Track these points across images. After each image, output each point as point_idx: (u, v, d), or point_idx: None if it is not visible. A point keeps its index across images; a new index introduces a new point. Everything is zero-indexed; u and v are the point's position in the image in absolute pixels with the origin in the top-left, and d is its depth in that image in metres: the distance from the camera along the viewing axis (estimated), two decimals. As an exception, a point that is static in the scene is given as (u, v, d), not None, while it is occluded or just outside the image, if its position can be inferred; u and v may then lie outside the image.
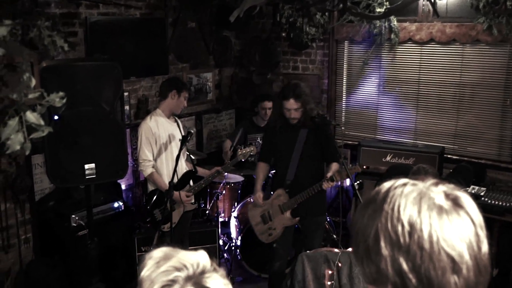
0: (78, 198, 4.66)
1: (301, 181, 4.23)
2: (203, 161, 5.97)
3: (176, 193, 4.31)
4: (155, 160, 4.40)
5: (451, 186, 1.03)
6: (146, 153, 4.31)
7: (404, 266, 0.96)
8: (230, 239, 5.68)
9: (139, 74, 5.61)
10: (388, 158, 5.48)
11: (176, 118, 4.65)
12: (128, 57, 5.34)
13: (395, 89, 5.90)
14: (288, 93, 4.12)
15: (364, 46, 5.96)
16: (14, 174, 4.42)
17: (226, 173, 5.49)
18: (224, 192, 5.64)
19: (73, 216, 4.63)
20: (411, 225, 0.96)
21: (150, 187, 4.45)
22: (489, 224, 4.67)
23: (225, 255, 5.59)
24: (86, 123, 3.45)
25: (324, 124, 4.16)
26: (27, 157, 4.58)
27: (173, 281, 1.16)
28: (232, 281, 5.24)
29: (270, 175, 4.91)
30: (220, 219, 5.70)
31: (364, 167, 5.51)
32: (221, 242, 5.58)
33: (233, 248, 5.47)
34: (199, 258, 1.22)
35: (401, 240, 0.96)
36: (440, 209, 0.97)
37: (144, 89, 5.78)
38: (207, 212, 5.38)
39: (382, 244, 0.99)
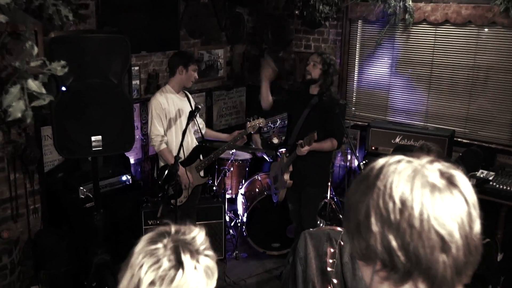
0: (87, 170, 4.70)
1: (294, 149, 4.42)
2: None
3: (182, 170, 4.34)
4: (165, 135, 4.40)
5: (447, 164, 1.02)
6: (158, 128, 4.31)
7: (393, 243, 0.96)
8: (237, 216, 5.72)
9: (150, 49, 5.60)
10: (397, 140, 5.45)
11: (187, 92, 4.62)
12: (139, 31, 5.33)
13: (408, 70, 5.83)
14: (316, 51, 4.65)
15: (378, 26, 5.88)
16: (24, 144, 4.45)
17: (233, 150, 5.51)
18: (232, 169, 5.66)
19: (81, 188, 4.67)
20: (403, 203, 0.95)
21: (161, 163, 4.46)
22: (496, 209, 4.68)
23: (231, 231, 5.63)
24: (93, 95, 3.45)
25: (331, 102, 4.18)
26: (37, 128, 4.62)
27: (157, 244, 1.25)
28: (237, 257, 5.30)
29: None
30: (228, 196, 5.74)
31: (373, 148, 5.53)
32: (227, 219, 5.63)
33: (239, 224, 5.51)
34: (194, 232, 1.31)
35: (392, 217, 0.96)
36: (433, 187, 0.96)
37: (155, 64, 5.77)
38: (214, 188, 5.41)
39: (373, 220, 0.98)
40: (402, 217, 0.95)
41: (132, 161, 5.68)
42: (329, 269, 3.57)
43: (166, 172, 4.19)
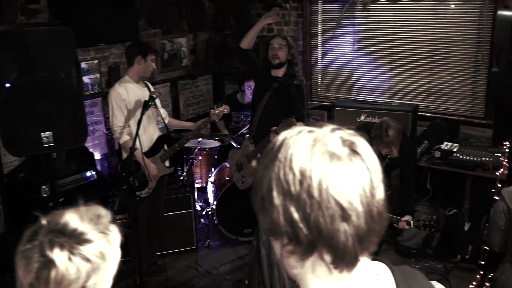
0: (53, 168, 4.64)
1: (263, 134, 4.37)
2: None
3: (147, 161, 4.30)
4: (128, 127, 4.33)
5: (350, 131, 0.99)
6: (119, 120, 4.25)
7: (295, 215, 0.93)
8: (208, 204, 5.69)
9: (108, 41, 5.52)
10: (362, 118, 5.45)
11: (147, 82, 4.54)
12: (96, 23, 5.25)
13: (369, 48, 5.82)
14: (276, 34, 4.64)
15: (338, 5, 5.86)
16: (-20, 146, 4.38)
17: (200, 139, 5.48)
18: (200, 157, 5.63)
19: (43, 187, 4.61)
20: (302, 173, 0.93)
21: (125, 154, 4.38)
22: (462, 180, 4.70)
23: (202, 220, 5.61)
24: (41, 90, 3.38)
25: (287, 84, 4.16)
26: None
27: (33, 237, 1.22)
28: (209, 246, 5.29)
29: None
30: (198, 185, 5.72)
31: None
32: (199, 208, 5.60)
33: (209, 213, 5.49)
34: (65, 217, 1.28)
35: (292, 189, 0.94)
36: (332, 156, 0.94)
37: (115, 56, 5.69)
38: (181, 178, 5.37)
39: (275, 194, 0.96)
40: (302, 188, 0.93)
41: (98, 156, 5.63)
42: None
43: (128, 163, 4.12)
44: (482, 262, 4.51)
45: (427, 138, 5.23)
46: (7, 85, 3.24)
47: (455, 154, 4.94)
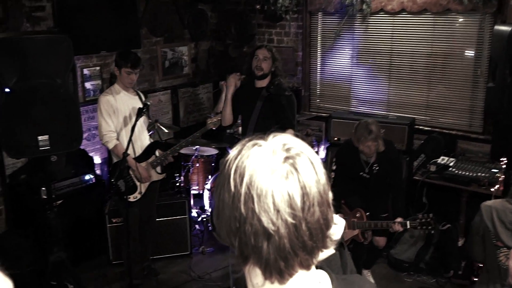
0: (50, 171, 4.71)
1: None
2: (180, 134, 6.02)
3: (133, 163, 4.34)
4: (117, 133, 4.38)
5: (299, 145, 1.02)
6: (107, 125, 4.30)
7: (233, 226, 0.98)
8: (203, 211, 5.74)
9: (110, 49, 5.58)
10: (359, 130, 5.47)
11: (138, 91, 4.60)
12: (99, 31, 5.33)
13: (368, 60, 5.88)
14: (262, 44, 4.56)
15: (337, 17, 5.93)
16: (-18, 148, 4.46)
17: (197, 146, 5.54)
18: (197, 164, 5.69)
19: (43, 188, 4.68)
20: (235, 187, 0.96)
21: (114, 159, 4.45)
22: (457, 194, 4.72)
23: (197, 226, 5.66)
24: (38, 95, 3.46)
25: (278, 94, 4.22)
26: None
27: None
28: (203, 252, 5.33)
29: None
30: (195, 192, 5.77)
31: (335, 138, 5.58)
32: (195, 214, 5.65)
33: (205, 219, 5.54)
34: None
35: (228, 201, 0.98)
36: (267, 172, 0.96)
37: (116, 63, 5.76)
38: (177, 184, 5.43)
39: (221, 202, 1.00)
40: (235, 202, 0.96)
41: (99, 160, 5.70)
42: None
43: (119, 168, 4.18)
44: (475, 279, 4.53)
45: (424, 152, 5.25)
46: (7, 90, 3.32)
47: (450, 169, 4.96)
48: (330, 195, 1.01)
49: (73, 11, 5.12)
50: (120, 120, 4.35)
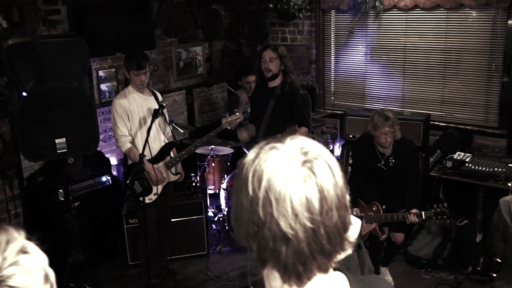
0: (67, 173, 4.77)
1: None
2: (195, 134, 6.05)
3: (149, 165, 4.34)
4: (132, 136, 4.37)
5: (316, 148, 1.01)
6: (120, 129, 4.29)
7: (251, 230, 0.99)
8: (220, 210, 5.76)
9: (125, 50, 5.60)
10: (374, 127, 5.46)
11: (154, 91, 4.59)
12: (114, 33, 5.40)
13: (382, 57, 5.86)
14: (267, 46, 4.54)
15: (350, 14, 5.91)
16: (1, 151, 4.54)
17: (212, 146, 5.56)
18: (213, 164, 5.71)
19: (60, 190, 4.73)
20: (254, 191, 0.97)
21: (129, 161, 4.47)
22: (474, 190, 4.70)
23: (213, 226, 5.69)
24: (55, 98, 3.51)
25: (292, 93, 4.23)
26: (14, 134, 4.68)
27: None
28: (221, 252, 5.35)
29: None
30: (211, 192, 5.79)
31: (350, 136, 5.57)
32: (211, 214, 5.68)
33: (221, 219, 5.57)
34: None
35: (247, 205, 0.99)
36: (286, 176, 0.96)
37: (131, 64, 5.81)
38: (193, 184, 5.45)
39: (240, 205, 1.01)
40: (253, 206, 0.97)
41: (115, 161, 5.75)
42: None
43: (134, 170, 4.19)
44: (494, 274, 4.50)
45: (440, 148, 5.22)
46: (24, 93, 3.37)
47: (467, 164, 4.93)
48: (348, 197, 1.01)
49: (88, 13, 5.18)
50: (135, 122, 4.35)
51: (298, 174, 0.96)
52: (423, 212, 4.13)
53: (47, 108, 3.50)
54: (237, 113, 4.60)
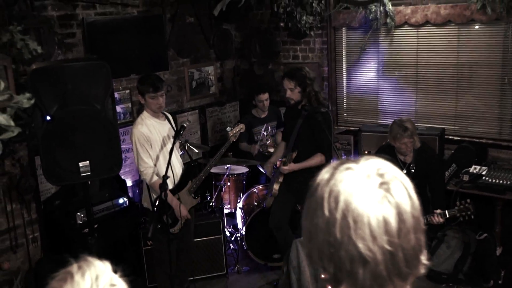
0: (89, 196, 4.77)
1: (295, 161, 4.51)
2: (208, 153, 6.08)
3: (177, 203, 4.27)
4: (154, 164, 4.25)
5: (390, 169, 1.01)
6: (145, 160, 4.16)
7: (325, 251, 0.99)
8: (237, 230, 5.75)
9: (140, 71, 5.67)
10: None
11: (167, 114, 4.53)
12: (128, 55, 5.45)
13: (394, 73, 5.89)
14: (284, 73, 4.52)
15: (362, 31, 5.95)
16: (19, 175, 4.55)
17: (228, 165, 5.56)
18: (229, 183, 5.71)
19: (78, 213, 4.74)
20: (331, 212, 0.97)
21: (154, 195, 4.30)
22: (492, 204, 4.69)
23: (231, 245, 5.67)
24: (78, 121, 3.52)
25: (314, 111, 4.25)
26: (31, 157, 4.71)
27: None
28: (239, 271, 5.33)
29: None
30: (227, 211, 5.79)
31: (366, 152, 5.58)
32: (228, 233, 5.67)
33: (239, 238, 5.55)
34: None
35: (323, 226, 0.99)
36: (363, 198, 0.97)
37: (145, 86, 5.85)
38: (211, 204, 5.46)
39: (315, 225, 1.02)
40: (329, 226, 0.97)
41: (130, 183, 5.76)
42: (322, 276, 3.60)
43: (161, 203, 4.06)
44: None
45: (455, 162, 5.22)
46: (48, 117, 3.39)
47: (484, 178, 4.93)
48: (422, 219, 1.02)
49: (102, 36, 5.23)
50: (156, 150, 4.24)
51: (375, 195, 0.96)
52: (446, 211, 4.13)
53: (70, 131, 3.51)
54: (240, 125, 4.71)
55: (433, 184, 4.48)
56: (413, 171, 4.40)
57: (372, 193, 0.96)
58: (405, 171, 4.41)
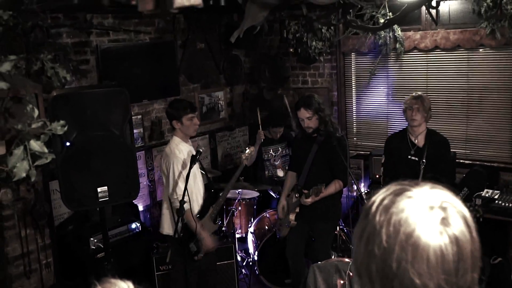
0: (96, 221, 4.76)
1: (306, 188, 4.50)
2: (218, 178, 6.08)
3: (206, 235, 4.27)
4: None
5: (449, 199, 0.99)
6: (181, 188, 4.07)
7: (374, 275, 0.98)
8: (248, 254, 5.73)
9: (151, 97, 5.76)
10: (400, 166, 5.48)
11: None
12: (140, 81, 5.51)
13: (404, 97, 5.91)
14: (299, 103, 4.49)
15: (371, 57, 6.02)
16: (33, 200, 4.57)
17: (239, 190, 5.57)
18: (240, 208, 5.71)
19: (91, 239, 4.75)
20: (388, 242, 0.96)
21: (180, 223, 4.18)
22: (505, 227, 4.67)
23: (243, 270, 5.65)
24: (97, 147, 3.56)
25: (329, 136, 4.27)
26: (45, 183, 4.73)
27: None
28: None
29: None
30: (238, 235, 5.77)
31: (377, 176, 5.58)
32: (239, 258, 5.64)
33: (250, 263, 5.53)
34: None
35: (377, 252, 0.97)
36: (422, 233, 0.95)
37: (157, 111, 5.91)
38: (223, 229, 5.45)
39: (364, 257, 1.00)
40: (383, 257, 0.96)
41: (141, 208, 5.77)
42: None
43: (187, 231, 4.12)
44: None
45: (467, 186, 5.22)
46: (67, 143, 3.42)
47: (497, 201, 4.93)
48: (480, 258, 0.99)
49: (115, 62, 5.30)
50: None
51: (436, 230, 0.94)
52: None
53: (89, 156, 3.55)
54: (251, 147, 4.77)
55: (443, 171, 4.45)
56: (425, 155, 4.41)
57: (433, 228, 0.94)
58: (413, 152, 4.47)
